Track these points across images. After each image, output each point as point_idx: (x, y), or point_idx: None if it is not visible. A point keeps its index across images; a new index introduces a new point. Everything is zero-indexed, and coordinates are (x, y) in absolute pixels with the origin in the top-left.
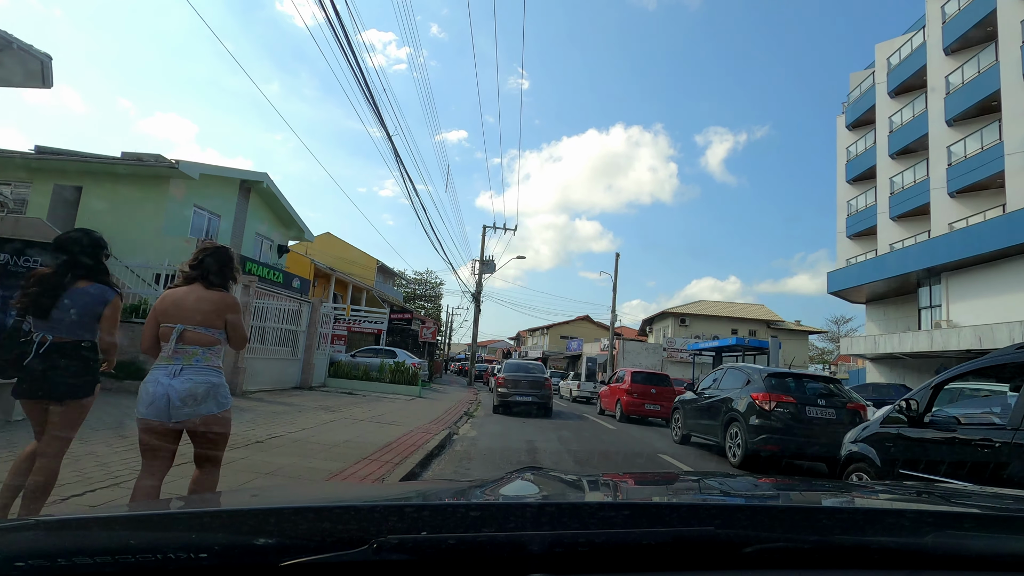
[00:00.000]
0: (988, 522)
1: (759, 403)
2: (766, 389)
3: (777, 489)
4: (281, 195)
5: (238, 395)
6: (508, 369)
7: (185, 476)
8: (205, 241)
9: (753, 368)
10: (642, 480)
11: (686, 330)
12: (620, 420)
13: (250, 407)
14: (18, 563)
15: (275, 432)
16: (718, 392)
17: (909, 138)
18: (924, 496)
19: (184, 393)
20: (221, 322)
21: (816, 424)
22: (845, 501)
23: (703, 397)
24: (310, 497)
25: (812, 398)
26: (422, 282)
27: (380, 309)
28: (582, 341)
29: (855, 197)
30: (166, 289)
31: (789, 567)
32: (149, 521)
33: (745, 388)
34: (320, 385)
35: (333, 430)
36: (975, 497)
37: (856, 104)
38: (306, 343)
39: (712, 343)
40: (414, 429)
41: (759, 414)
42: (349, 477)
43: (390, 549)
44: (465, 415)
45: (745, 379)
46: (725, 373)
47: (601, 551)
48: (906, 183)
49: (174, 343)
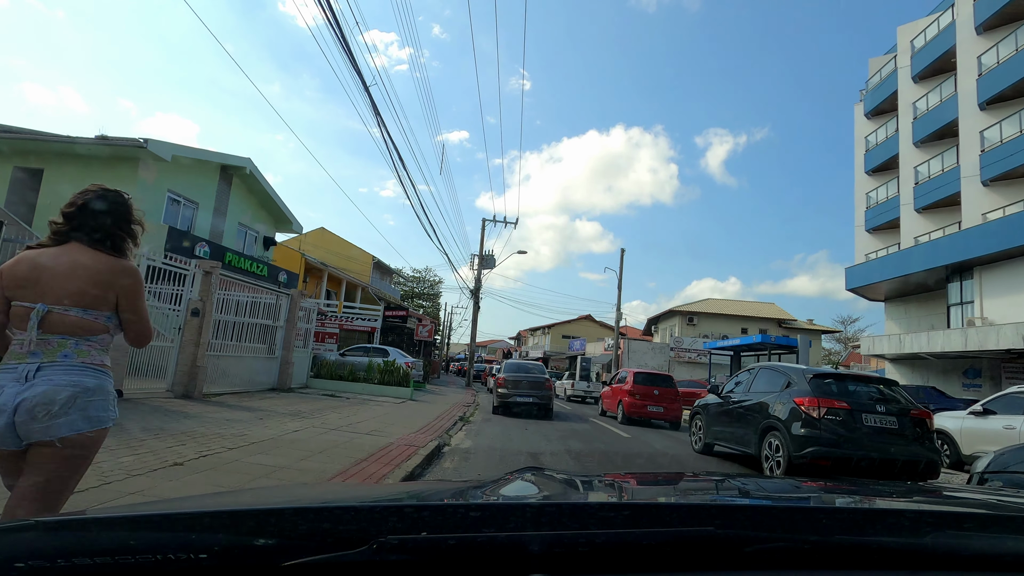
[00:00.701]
0: (988, 522)
1: (805, 409)
2: (813, 392)
3: (777, 489)
4: (266, 183)
5: (195, 399)
6: (508, 369)
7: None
8: (92, 186)
9: (793, 368)
10: (642, 480)
11: (694, 329)
12: (622, 422)
13: (202, 413)
14: (18, 563)
15: (208, 448)
16: (749, 396)
17: (936, 124)
18: (924, 496)
19: (34, 402)
20: (109, 300)
21: (874, 435)
22: (845, 501)
23: (730, 401)
24: (310, 497)
25: (868, 403)
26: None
27: (374, 306)
28: (585, 341)
29: (875, 189)
30: (23, 250)
31: (789, 567)
32: (149, 521)
33: (785, 391)
34: (301, 386)
35: (290, 445)
36: (975, 497)
37: (876, 91)
38: (284, 340)
39: (731, 341)
40: (395, 441)
41: (805, 422)
42: None
43: (390, 549)
44: (460, 420)
45: (784, 381)
46: (757, 374)
47: (601, 551)
48: (932, 172)
49: (34, 332)
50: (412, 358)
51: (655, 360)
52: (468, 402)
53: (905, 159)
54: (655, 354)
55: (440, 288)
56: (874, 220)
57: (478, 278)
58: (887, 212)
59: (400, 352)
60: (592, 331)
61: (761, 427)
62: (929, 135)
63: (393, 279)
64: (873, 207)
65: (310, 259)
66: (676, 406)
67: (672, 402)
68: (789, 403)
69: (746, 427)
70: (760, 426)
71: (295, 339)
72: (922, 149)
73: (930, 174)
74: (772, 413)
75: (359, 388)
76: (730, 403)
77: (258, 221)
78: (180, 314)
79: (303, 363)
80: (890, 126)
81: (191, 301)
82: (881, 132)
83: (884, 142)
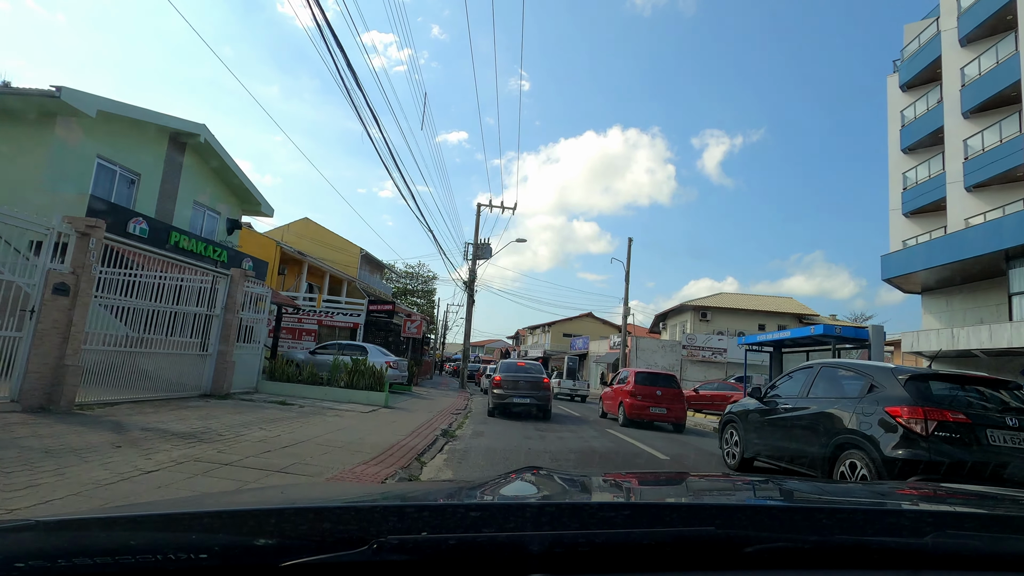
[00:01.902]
0: (988, 522)
1: (904, 422)
2: (913, 400)
3: (777, 489)
4: (227, 157)
5: (58, 411)
6: (504, 369)
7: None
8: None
9: (875, 367)
10: (643, 480)
11: (707, 325)
12: (624, 425)
13: (24, 438)
14: (18, 563)
15: None
16: (809, 402)
17: (990, 90)
18: (924, 496)
19: None
20: None
21: (1006, 456)
22: (845, 501)
23: (779, 408)
24: (310, 497)
25: (994, 415)
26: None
27: (357, 300)
28: (588, 339)
29: (913, 168)
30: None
31: (789, 567)
32: (149, 521)
33: (869, 397)
34: (247, 391)
35: (89, 503)
36: (975, 497)
37: (914, 59)
38: (221, 333)
39: (774, 335)
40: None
41: (905, 439)
42: None
43: (390, 549)
44: (443, 435)
45: (864, 384)
46: (817, 374)
47: (601, 551)
48: (987, 144)
49: None
50: (395, 357)
51: (666, 359)
52: (458, 408)
53: (952, 132)
54: (665, 352)
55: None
56: (913, 202)
57: (472, 269)
58: (929, 193)
59: (381, 350)
60: (595, 329)
61: (833, 443)
62: (981, 103)
63: (384, 274)
64: (911, 188)
65: (287, 248)
66: (680, 407)
67: (676, 403)
68: (877, 413)
69: (806, 442)
70: (831, 442)
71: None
72: (973, 120)
73: (984, 147)
74: (849, 426)
75: (320, 393)
76: (779, 410)
77: (219, 201)
78: (35, 288)
79: (252, 362)
80: (931, 97)
81: (51, 273)
82: (920, 104)
83: (924, 115)
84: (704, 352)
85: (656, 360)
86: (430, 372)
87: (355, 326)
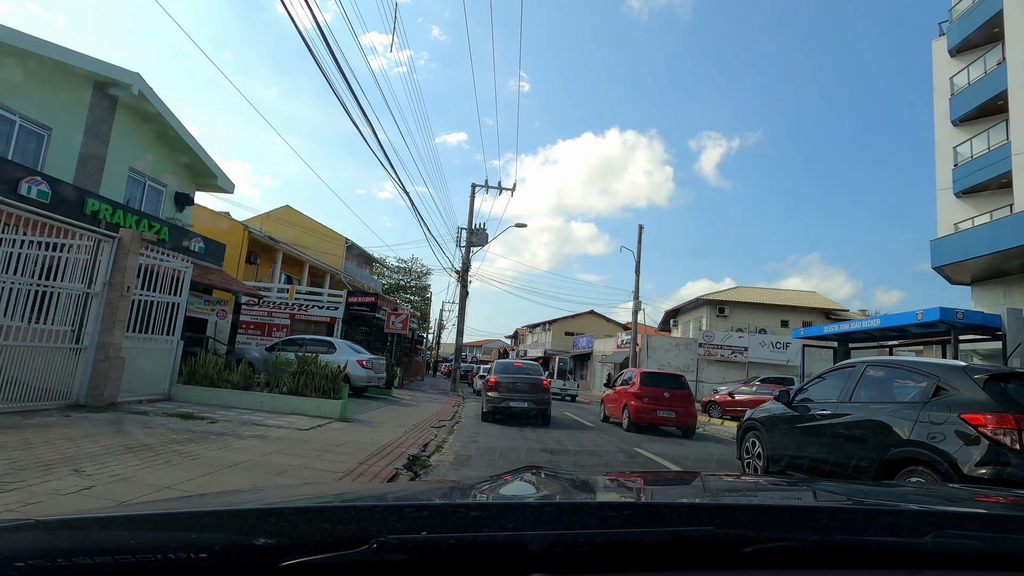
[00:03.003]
0: (988, 522)
1: (990, 432)
2: (1001, 405)
3: (777, 489)
4: (172, 117)
5: None
6: (500, 370)
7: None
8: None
9: (940, 365)
10: (643, 480)
11: (725, 321)
12: (628, 429)
13: None
14: (18, 563)
15: None
16: (851, 407)
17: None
18: (924, 496)
19: None
20: None
21: None
22: (845, 501)
23: (813, 415)
24: (310, 497)
25: None
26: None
27: (336, 292)
28: (592, 337)
29: (966, 141)
30: None
31: (789, 567)
32: (149, 521)
33: (936, 401)
34: (152, 398)
35: None
36: (975, 497)
37: (966, 18)
38: (102, 318)
39: (849, 324)
40: None
41: (993, 454)
42: None
43: (390, 549)
44: (408, 467)
45: (926, 385)
46: (862, 375)
47: (601, 551)
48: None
49: None
50: (370, 354)
51: (680, 358)
52: (444, 418)
53: (1017, 97)
54: (679, 351)
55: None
56: (966, 180)
57: (466, 257)
58: (988, 168)
59: (352, 346)
60: (598, 327)
61: (888, 458)
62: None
63: (375, 269)
64: (964, 164)
65: (256, 233)
66: (689, 410)
67: (684, 406)
68: (950, 422)
69: (849, 454)
70: (885, 457)
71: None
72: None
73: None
74: (910, 437)
75: (254, 401)
76: (813, 417)
77: (165, 171)
78: None
79: (161, 360)
80: (988, 59)
81: None
82: (975, 68)
83: (981, 80)
84: (723, 351)
85: (669, 360)
86: (421, 373)
87: (332, 320)
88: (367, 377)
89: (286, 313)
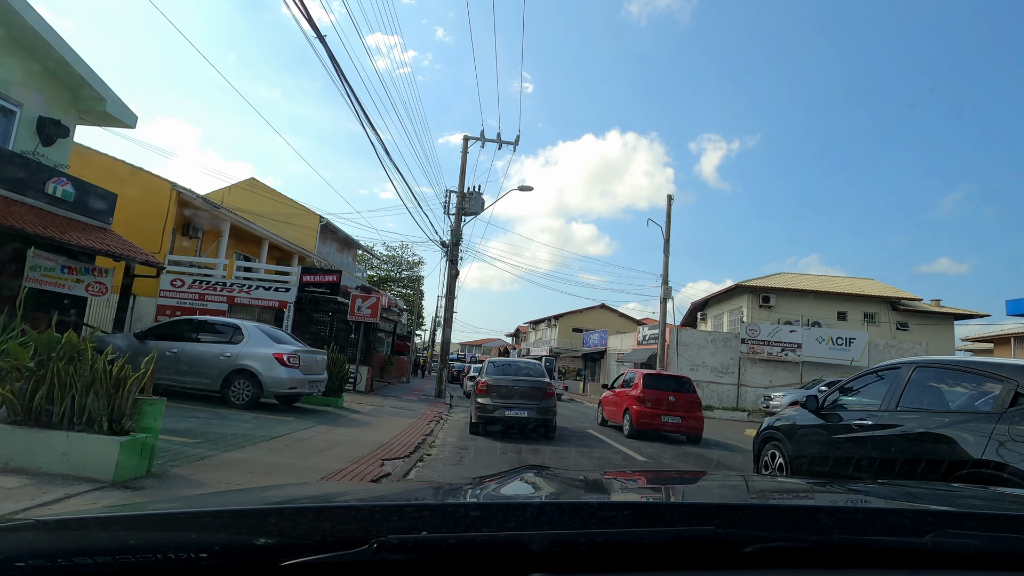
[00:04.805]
0: (988, 522)
1: None
2: None
3: (777, 489)
4: (25, 6)
5: None
6: (493, 371)
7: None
8: None
9: (1009, 366)
10: (643, 480)
11: (770, 313)
12: (630, 436)
13: None
14: (18, 563)
15: None
16: (897, 417)
17: None
18: (924, 496)
19: None
20: None
21: None
22: (845, 501)
23: (846, 423)
24: (311, 497)
25: None
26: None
27: (285, 269)
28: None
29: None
30: None
31: (789, 567)
32: (149, 521)
33: (1016, 412)
34: None
35: None
36: (975, 497)
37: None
38: None
39: None
40: None
41: None
42: None
43: (390, 549)
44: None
45: (1003, 392)
46: (909, 378)
47: (601, 551)
48: None
49: None
50: (298, 345)
51: (716, 357)
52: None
53: None
54: (717, 348)
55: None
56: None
57: (457, 228)
58: None
59: (270, 332)
60: (610, 322)
61: (952, 481)
62: None
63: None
64: None
65: (186, 194)
66: (697, 415)
67: (692, 411)
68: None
69: (897, 473)
70: (949, 479)
71: None
72: None
73: None
74: (983, 456)
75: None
76: (848, 427)
77: (25, 87)
78: None
79: None
80: None
81: None
82: None
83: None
84: (771, 348)
85: (704, 359)
86: (405, 374)
87: (282, 305)
88: (289, 380)
89: (223, 296)
